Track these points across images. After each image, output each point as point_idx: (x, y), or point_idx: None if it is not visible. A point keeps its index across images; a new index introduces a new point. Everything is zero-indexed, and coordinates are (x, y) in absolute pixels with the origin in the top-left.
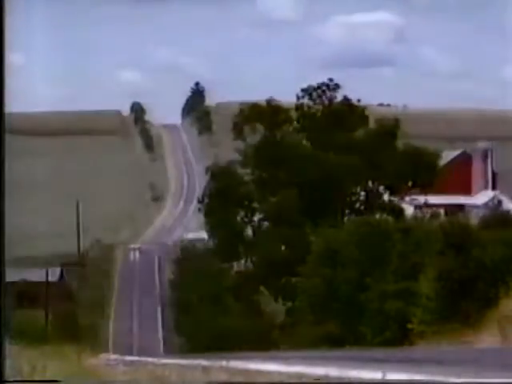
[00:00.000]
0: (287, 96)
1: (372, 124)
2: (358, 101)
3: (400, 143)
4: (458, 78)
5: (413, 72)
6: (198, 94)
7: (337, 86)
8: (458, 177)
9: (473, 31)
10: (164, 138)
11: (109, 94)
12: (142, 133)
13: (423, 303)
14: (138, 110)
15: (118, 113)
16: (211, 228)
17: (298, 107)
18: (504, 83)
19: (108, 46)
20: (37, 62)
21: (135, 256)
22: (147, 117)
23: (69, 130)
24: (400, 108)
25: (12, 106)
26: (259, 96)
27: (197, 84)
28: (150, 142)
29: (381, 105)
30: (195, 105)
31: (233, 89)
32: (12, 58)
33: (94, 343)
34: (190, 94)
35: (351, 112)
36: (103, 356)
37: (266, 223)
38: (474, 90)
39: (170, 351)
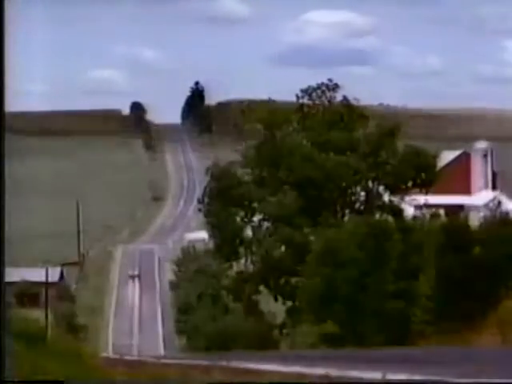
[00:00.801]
0: (286, 96)
1: (372, 124)
2: (358, 101)
3: (400, 143)
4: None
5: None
6: (197, 93)
7: (336, 86)
8: (458, 177)
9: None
10: (164, 138)
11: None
12: (143, 133)
13: (423, 303)
14: (138, 110)
15: (119, 112)
16: (211, 228)
17: (298, 107)
18: None
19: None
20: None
21: (135, 283)
22: (148, 116)
23: (69, 129)
24: (400, 107)
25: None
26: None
27: (196, 84)
28: (150, 142)
29: (380, 104)
30: (195, 105)
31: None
32: None
33: (94, 343)
34: (189, 94)
35: (351, 112)
36: (103, 356)
37: (266, 223)
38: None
39: (170, 351)
